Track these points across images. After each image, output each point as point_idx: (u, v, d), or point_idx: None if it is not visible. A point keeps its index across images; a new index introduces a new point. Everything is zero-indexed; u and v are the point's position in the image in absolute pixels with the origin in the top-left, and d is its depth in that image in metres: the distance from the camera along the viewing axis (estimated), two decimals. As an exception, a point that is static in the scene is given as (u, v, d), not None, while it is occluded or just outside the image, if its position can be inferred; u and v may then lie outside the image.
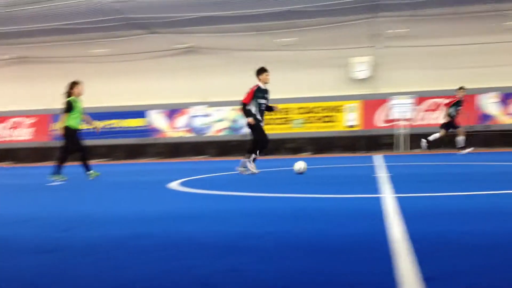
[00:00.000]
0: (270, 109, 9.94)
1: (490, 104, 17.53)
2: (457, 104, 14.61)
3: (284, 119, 18.64)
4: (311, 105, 18.42)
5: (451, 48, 17.27)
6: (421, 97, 17.74)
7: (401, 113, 17.50)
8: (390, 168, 9.79)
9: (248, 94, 9.56)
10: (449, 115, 14.67)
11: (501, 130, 17.48)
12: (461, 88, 14.57)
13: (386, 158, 13.64)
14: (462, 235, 3.37)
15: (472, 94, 17.43)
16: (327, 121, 18.48)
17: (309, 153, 18.33)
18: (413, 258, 2.75)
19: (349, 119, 18.41)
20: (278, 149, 18.81)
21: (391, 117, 17.76)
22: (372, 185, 6.67)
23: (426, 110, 18.01)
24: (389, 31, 17.27)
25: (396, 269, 2.55)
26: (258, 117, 9.69)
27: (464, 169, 9.53)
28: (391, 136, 17.92)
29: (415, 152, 17.02)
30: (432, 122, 17.96)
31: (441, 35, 17.24)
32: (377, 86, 18.29)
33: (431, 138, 14.97)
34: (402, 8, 15.58)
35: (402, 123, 17.56)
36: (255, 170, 9.58)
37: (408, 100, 17.47)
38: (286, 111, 18.55)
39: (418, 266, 2.58)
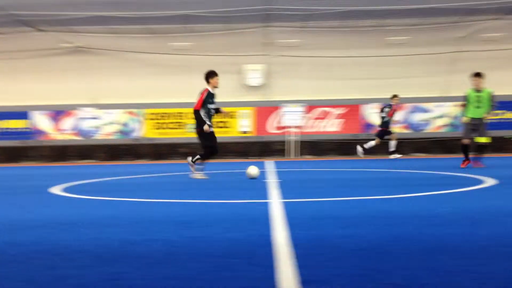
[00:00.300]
0: (217, 111, 9.50)
1: (372, 114, 18.56)
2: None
3: (178, 124, 18.46)
4: (204, 110, 18.42)
5: (339, 60, 18.10)
6: (310, 106, 18.40)
7: (292, 120, 18.03)
8: (280, 174, 10.02)
9: (199, 100, 9.11)
10: (386, 122, 15.32)
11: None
12: (395, 95, 15.25)
13: (277, 164, 13.97)
14: (342, 239, 3.50)
15: (356, 104, 18.37)
16: (221, 127, 18.57)
17: (202, 158, 18.31)
18: (293, 262, 2.81)
19: (243, 125, 18.65)
20: (171, 153, 18.57)
21: (282, 124, 18.24)
22: (261, 190, 6.78)
23: (316, 118, 18.71)
24: (281, 40, 17.76)
25: (276, 274, 2.59)
26: (209, 122, 9.25)
27: (350, 175, 9.99)
28: (282, 142, 18.39)
29: (304, 158, 17.61)
30: (321, 129, 18.68)
31: (330, 47, 18.01)
32: (269, 94, 18.70)
33: (392, 149, 15.55)
34: (293, 19, 16.09)
35: (293, 130, 18.08)
36: (202, 176, 9.12)
37: (299, 108, 18.04)
38: (180, 116, 18.39)
39: (298, 270, 2.64)
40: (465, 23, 16.76)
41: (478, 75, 10.64)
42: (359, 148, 15.75)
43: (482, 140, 10.46)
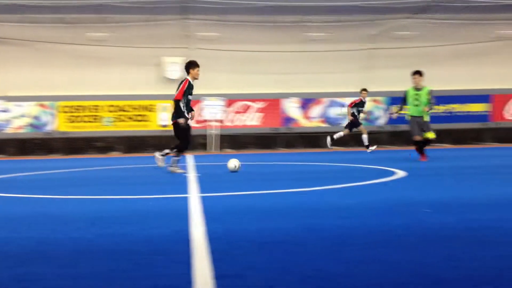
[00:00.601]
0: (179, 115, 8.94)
1: (292, 108, 18.91)
2: (360, 104, 15.22)
3: (93, 117, 17.87)
4: (122, 103, 17.95)
5: (259, 54, 18.23)
6: (231, 100, 18.44)
7: (212, 114, 17.97)
8: (200, 168, 9.96)
9: (180, 90, 8.73)
10: (352, 114, 15.20)
11: (302, 133, 18.99)
12: (364, 89, 15.16)
13: (198, 158, 13.89)
14: (259, 233, 3.54)
15: (276, 99, 18.63)
16: (140, 120, 18.19)
17: (119, 152, 17.86)
18: (210, 257, 2.80)
19: (162, 119, 18.37)
20: (86, 148, 17.97)
21: (203, 118, 18.15)
22: (181, 185, 6.71)
23: (236, 112, 18.77)
24: (201, 33, 17.62)
25: (192, 269, 2.56)
26: (187, 115, 8.81)
27: (269, 168, 10.12)
28: (203, 136, 18.31)
29: (224, 152, 17.63)
30: (241, 123, 18.78)
31: (250, 41, 18.09)
32: (189, 87, 18.53)
33: (335, 136, 15.44)
34: (212, 12, 15.99)
35: (213, 124, 18.04)
36: (180, 170, 8.75)
37: (219, 102, 18.02)
38: (96, 109, 17.81)
39: (213, 265, 2.63)
40: (379, 21, 17.42)
41: (418, 73, 10.54)
42: (365, 141, 15.43)
43: (429, 135, 10.42)
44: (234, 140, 18.74)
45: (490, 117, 19.00)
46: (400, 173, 7.66)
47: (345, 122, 16.33)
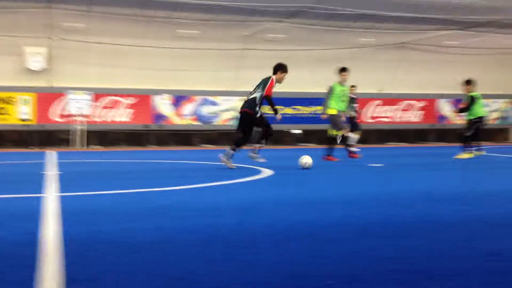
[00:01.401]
0: (276, 111, 8.89)
1: (164, 105, 18.63)
2: (351, 101, 13.86)
3: None
4: (-24, 94, 16.45)
5: (131, 49, 17.67)
6: (98, 94, 17.70)
7: (78, 108, 17.11)
8: (61, 165, 9.41)
9: (269, 86, 8.83)
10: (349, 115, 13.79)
11: (173, 130, 18.80)
12: (352, 86, 14.12)
13: (60, 155, 13.13)
14: (119, 234, 3.37)
15: (147, 95, 18.25)
16: (-3, 114, 16.81)
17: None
18: (61, 261, 2.59)
19: (22, 112, 17.13)
20: None
21: (67, 112, 17.21)
22: (37, 183, 6.25)
23: (104, 107, 18.06)
24: (66, 24, 16.65)
25: (39, 275, 2.35)
26: (258, 109, 8.80)
27: (136, 166, 9.84)
28: (67, 131, 17.37)
29: (91, 149, 16.89)
30: (110, 119, 18.10)
31: (121, 35, 17.45)
32: (52, 80, 17.47)
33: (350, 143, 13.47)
34: (77, 2, 15.16)
35: (79, 119, 17.19)
36: (261, 159, 8.94)
37: (86, 96, 17.21)
38: None
39: (65, 269, 2.43)
40: (251, 23, 17.72)
41: (346, 70, 10.71)
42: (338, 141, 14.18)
43: (335, 132, 10.53)
44: (103, 137, 18.05)
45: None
46: (267, 172, 7.83)
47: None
